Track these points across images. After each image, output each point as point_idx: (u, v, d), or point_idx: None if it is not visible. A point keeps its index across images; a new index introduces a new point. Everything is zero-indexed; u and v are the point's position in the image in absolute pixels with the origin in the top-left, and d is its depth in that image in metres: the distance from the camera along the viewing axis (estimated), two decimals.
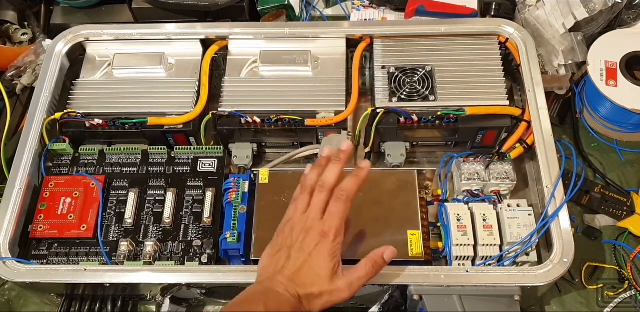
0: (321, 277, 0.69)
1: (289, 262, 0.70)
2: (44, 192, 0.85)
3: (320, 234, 0.70)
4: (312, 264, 0.69)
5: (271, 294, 0.68)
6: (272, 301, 0.67)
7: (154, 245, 0.81)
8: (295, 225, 0.72)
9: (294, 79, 0.93)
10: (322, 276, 0.69)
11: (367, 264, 0.71)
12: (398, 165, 0.90)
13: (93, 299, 0.83)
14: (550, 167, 0.82)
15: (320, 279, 0.69)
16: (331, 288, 0.69)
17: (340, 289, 0.69)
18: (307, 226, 0.71)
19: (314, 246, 0.70)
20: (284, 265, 0.70)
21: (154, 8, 1.05)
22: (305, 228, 0.71)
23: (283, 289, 0.68)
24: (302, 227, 0.71)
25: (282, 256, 0.71)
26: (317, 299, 0.69)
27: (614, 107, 0.93)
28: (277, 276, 0.69)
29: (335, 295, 0.69)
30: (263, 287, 0.69)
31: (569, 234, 0.77)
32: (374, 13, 1.09)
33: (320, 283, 0.69)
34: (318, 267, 0.69)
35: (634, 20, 1.01)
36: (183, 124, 0.89)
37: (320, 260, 0.69)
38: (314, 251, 0.69)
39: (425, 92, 0.89)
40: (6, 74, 1.05)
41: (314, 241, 0.70)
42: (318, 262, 0.69)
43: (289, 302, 0.67)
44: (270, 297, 0.67)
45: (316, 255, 0.69)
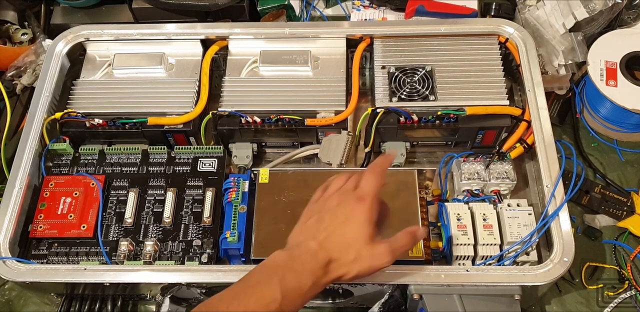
0: (358, 241, 0.65)
1: (321, 226, 0.66)
2: (44, 192, 0.85)
3: (356, 199, 0.67)
4: (347, 228, 0.66)
5: (294, 265, 0.64)
6: (290, 274, 0.63)
7: (154, 245, 0.81)
8: (327, 197, 0.69)
9: (294, 79, 0.93)
10: (360, 239, 0.65)
11: (405, 235, 0.68)
12: (398, 165, 0.90)
13: (93, 299, 0.83)
14: (550, 167, 0.82)
15: (358, 242, 0.65)
16: (372, 252, 0.65)
17: (383, 252, 0.66)
18: (340, 194, 0.68)
19: (350, 211, 0.66)
20: (316, 230, 0.66)
21: (154, 8, 1.05)
22: (339, 195, 0.68)
23: (310, 257, 0.64)
24: (335, 197, 0.68)
25: (314, 222, 0.67)
26: (354, 263, 0.65)
27: (614, 107, 0.93)
28: (307, 242, 0.65)
29: (377, 259, 0.65)
30: (288, 255, 0.65)
31: (569, 233, 0.77)
32: (374, 13, 1.09)
33: (358, 246, 0.65)
34: (354, 232, 0.65)
35: (634, 20, 1.01)
36: (183, 124, 0.89)
37: (357, 224, 0.66)
38: (351, 215, 0.66)
39: (425, 92, 0.89)
40: (6, 74, 1.05)
41: (350, 206, 0.67)
42: (354, 226, 0.66)
43: (312, 272, 0.63)
44: (290, 269, 0.63)
45: (353, 219, 0.66)
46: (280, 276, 0.62)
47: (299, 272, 0.63)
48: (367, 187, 0.68)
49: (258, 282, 0.63)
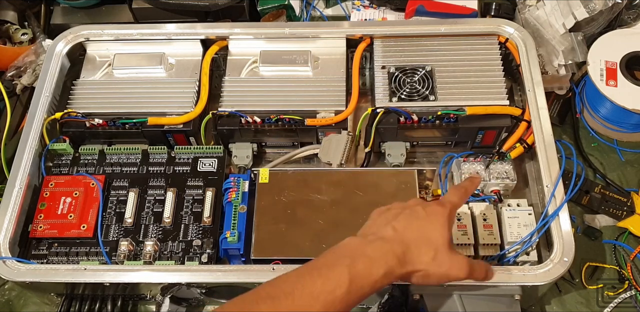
0: (439, 240, 0.62)
1: (400, 217, 0.63)
2: (44, 192, 0.85)
3: (437, 204, 0.65)
4: (428, 223, 0.63)
5: (367, 249, 0.60)
6: (361, 259, 0.59)
7: (154, 245, 0.81)
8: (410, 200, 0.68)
9: (294, 79, 0.93)
10: (440, 239, 0.62)
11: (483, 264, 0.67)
12: (398, 165, 0.90)
13: (93, 299, 0.83)
14: (550, 166, 0.82)
15: (438, 241, 0.62)
16: (452, 259, 0.62)
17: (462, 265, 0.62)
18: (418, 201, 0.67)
19: (431, 210, 0.64)
20: (395, 219, 0.63)
21: (154, 8, 1.05)
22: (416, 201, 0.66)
23: (384, 243, 0.61)
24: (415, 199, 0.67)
25: (390, 214, 0.64)
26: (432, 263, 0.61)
27: (614, 107, 0.93)
28: (384, 229, 0.62)
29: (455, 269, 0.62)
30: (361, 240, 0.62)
31: (569, 233, 0.77)
32: (374, 13, 1.09)
33: (438, 246, 0.62)
34: (435, 230, 0.62)
35: (634, 20, 1.01)
36: (183, 124, 0.89)
37: (438, 223, 0.63)
38: (432, 212, 0.64)
39: (425, 92, 0.89)
40: (6, 74, 1.05)
41: (430, 207, 0.64)
42: (435, 225, 0.63)
43: (386, 261, 0.59)
44: (361, 254, 0.60)
45: (434, 216, 0.63)
46: (351, 261, 0.59)
47: (371, 258, 0.59)
48: (449, 197, 0.67)
49: (325, 265, 0.59)
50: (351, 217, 0.81)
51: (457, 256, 0.64)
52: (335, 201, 0.83)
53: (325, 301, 0.57)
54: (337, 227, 0.81)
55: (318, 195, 0.83)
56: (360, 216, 0.81)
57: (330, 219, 0.82)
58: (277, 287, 0.58)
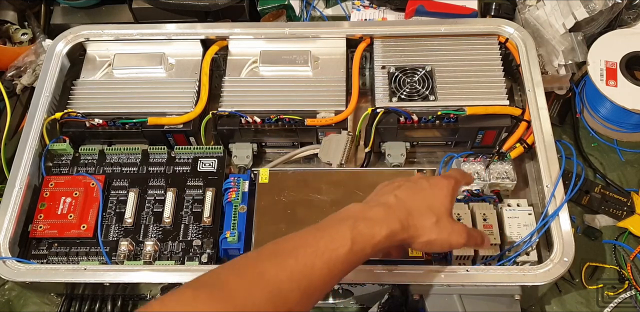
0: (441, 208, 0.64)
1: (403, 187, 0.65)
2: (44, 192, 0.85)
3: (442, 176, 0.68)
4: (431, 194, 0.65)
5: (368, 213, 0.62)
6: (363, 221, 0.61)
7: (154, 245, 0.80)
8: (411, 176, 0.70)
9: (294, 79, 0.93)
10: (442, 207, 0.64)
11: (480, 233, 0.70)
12: (398, 165, 0.90)
13: (93, 299, 0.83)
14: (550, 167, 0.82)
15: (440, 209, 0.64)
16: (452, 225, 0.64)
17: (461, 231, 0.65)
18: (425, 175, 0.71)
19: (435, 182, 0.67)
20: (398, 188, 0.65)
21: (154, 8, 1.05)
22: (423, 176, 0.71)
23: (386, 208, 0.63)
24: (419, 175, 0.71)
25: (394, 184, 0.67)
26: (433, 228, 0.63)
27: (614, 107, 0.93)
28: (386, 196, 0.64)
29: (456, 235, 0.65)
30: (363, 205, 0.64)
31: (569, 233, 0.77)
32: (374, 13, 1.09)
33: (441, 213, 0.64)
34: (438, 198, 0.65)
35: (634, 20, 1.01)
36: (183, 124, 0.89)
37: (441, 194, 0.65)
38: (435, 184, 0.66)
39: (425, 92, 0.89)
40: (6, 74, 1.05)
41: (434, 178, 0.67)
42: (438, 194, 0.65)
43: (388, 224, 0.61)
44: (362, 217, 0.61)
45: (437, 188, 0.66)
46: (352, 223, 0.60)
47: (372, 220, 0.61)
48: (452, 172, 0.71)
49: (328, 226, 0.61)
50: None
51: (457, 223, 0.66)
52: (335, 201, 0.83)
53: (329, 259, 0.58)
54: None
55: (318, 195, 0.83)
56: None
57: None
58: (280, 246, 0.60)
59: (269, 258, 0.58)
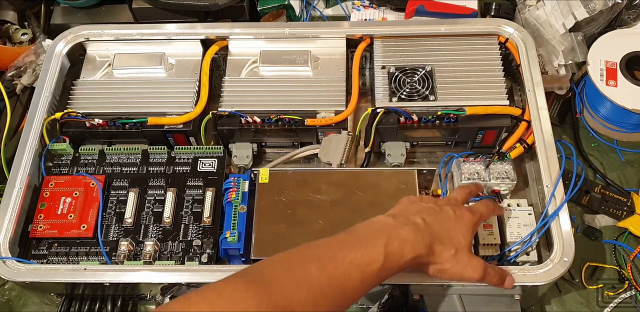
0: (461, 241, 0.66)
1: (431, 211, 0.68)
2: (44, 192, 0.85)
3: (468, 209, 0.70)
4: (455, 225, 0.67)
5: (401, 231, 0.64)
6: (396, 240, 0.63)
7: (154, 245, 0.81)
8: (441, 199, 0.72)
9: (294, 79, 0.93)
10: (463, 241, 0.66)
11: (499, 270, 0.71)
12: (398, 165, 0.90)
13: (93, 299, 0.83)
14: (550, 166, 0.82)
15: (461, 242, 0.66)
16: (469, 259, 0.67)
17: (477, 266, 0.67)
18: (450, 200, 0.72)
19: (460, 214, 0.69)
20: (425, 211, 0.68)
21: (154, 8, 1.05)
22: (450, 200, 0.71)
23: (415, 230, 0.64)
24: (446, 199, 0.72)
25: (421, 206, 0.69)
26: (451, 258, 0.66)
27: (614, 107, 0.93)
28: (414, 217, 0.66)
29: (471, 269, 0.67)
30: (395, 221, 0.66)
31: (569, 233, 0.77)
32: (374, 13, 1.09)
33: (460, 247, 0.66)
34: (460, 232, 0.67)
35: (634, 20, 1.01)
36: (183, 124, 0.89)
37: (464, 227, 0.67)
38: (460, 216, 0.68)
39: (425, 92, 0.89)
40: (6, 74, 1.05)
41: (460, 210, 0.69)
42: (461, 227, 0.67)
43: (415, 247, 0.63)
44: (396, 234, 0.63)
45: (461, 221, 0.68)
46: (387, 239, 0.62)
47: (405, 241, 0.63)
48: (480, 208, 0.73)
49: (365, 238, 0.63)
50: (351, 217, 0.81)
51: (475, 258, 0.68)
52: (335, 201, 0.83)
53: (363, 272, 0.61)
54: (337, 228, 0.80)
55: (318, 195, 0.83)
56: (361, 216, 0.81)
57: (330, 219, 0.82)
58: (321, 251, 0.62)
59: (313, 261, 0.60)
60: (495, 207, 0.77)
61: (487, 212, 0.74)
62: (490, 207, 0.76)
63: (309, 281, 0.59)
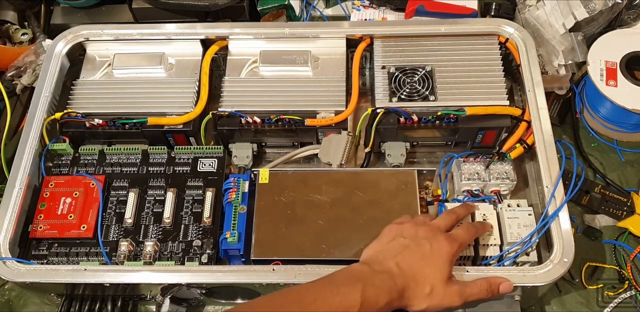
0: (437, 278, 0.69)
1: (406, 252, 0.70)
2: (44, 192, 0.85)
3: (446, 239, 0.71)
4: (430, 262, 0.69)
5: (375, 279, 0.67)
6: (371, 287, 0.66)
7: (154, 245, 0.80)
8: (418, 224, 0.73)
9: (294, 79, 0.93)
10: (438, 277, 0.69)
11: (482, 284, 0.72)
12: (398, 165, 0.90)
13: (93, 299, 0.83)
14: (550, 167, 0.82)
15: (436, 279, 0.69)
16: (445, 291, 0.69)
17: (454, 294, 0.69)
18: (430, 229, 0.73)
19: (437, 247, 0.70)
20: (398, 253, 0.70)
21: (154, 8, 1.05)
22: (429, 229, 0.72)
23: (389, 277, 0.67)
24: (425, 230, 0.72)
25: (398, 244, 0.71)
26: (426, 297, 0.68)
27: (614, 107, 0.93)
28: (388, 263, 0.69)
29: (447, 299, 0.69)
30: (370, 269, 0.68)
31: (569, 233, 0.77)
32: (374, 13, 1.09)
33: (435, 282, 0.69)
34: (436, 268, 0.69)
35: (634, 20, 1.01)
36: (183, 124, 0.89)
37: (440, 261, 0.70)
38: (437, 250, 0.70)
39: (425, 92, 0.89)
40: (6, 74, 1.05)
41: (438, 242, 0.71)
42: (437, 263, 0.70)
43: (389, 293, 0.66)
44: (371, 282, 0.66)
45: (437, 255, 0.70)
46: (363, 285, 0.66)
47: (378, 288, 0.66)
48: (461, 235, 0.74)
49: (343, 283, 0.66)
50: (351, 218, 0.81)
51: (451, 288, 0.70)
52: (336, 201, 0.83)
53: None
54: (337, 228, 0.81)
55: (318, 195, 0.83)
56: (360, 216, 0.81)
57: (330, 219, 0.82)
58: (302, 294, 0.66)
59: (294, 304, 0.64)
60: (478, 228, 0.77)
61: (468, 237, 0.75)
62: (471, 231, 0.76)
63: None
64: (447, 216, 0.77)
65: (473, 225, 0.78)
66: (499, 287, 0.72)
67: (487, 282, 0.72)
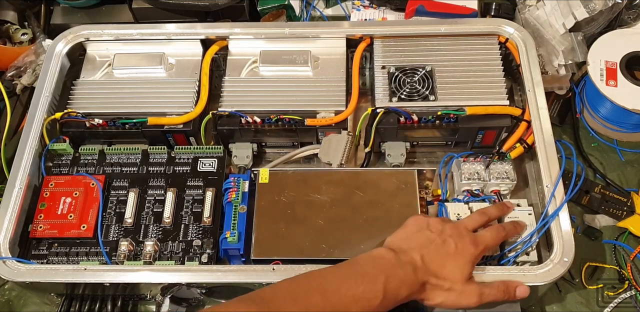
0: (457, 277, 0.70)
1: (432, 247, 0.71)
2: (44, 192, 0.85)
3: (471, 241, 0.72)
4: (453, 261, 0.70)
5: (399, 271, 0.68)
6: (394, 279, 0.67)
7: (154, 245, 0.81)
8: (446, 222, 0.74)
9: (294, 79, 0.93)
10: (459, 276, 0.70)
11: (500, 286, 0.72)
12: (398, 165, 0.90)
13: (93, 299, 0.83)
14: (550, 167, 0.82)
15: (456, 276, 0.70)
16: (463, 288, 0.70)
17: (471, 293, 0.70)
18: (458, 229, 0.73)
19: (462, 248, 0.71)
20: (423, 246, 0.71)
21: (154, 8, 1.05)
22: (456, 229, 0.73)
23: (412, 270, 0.68)
24: (454, 226, 0.73)
25: (425, 237, 0.72)
26: (445, 292, 0.70)
27: (614, 107, 0.93)
28: (414, 253, 0.70)
29: (465, 298, 0.70)
30: (395, 257, 0.69)
31: (569, 233, 0.77)
32: (374, 13, 1.09)
33: (455, 279, 0.70)
34: (457, 268, 0.70)
35: (634, 20, 1.01)
36: (183, 124, 0.89)
37: (462, 261, 0.71)
38: (461, 250, 0.71)
39: (425, 92, 0.89)
40: (6, 74, 1.05)
41: (462, 243, 0.72)
42: (459, 263, 0.71)
43: (411, 286, 0.68)
44: (394, 274, 0.67)
45: (461, 255, 0.71)
46: (386, 277, 0.66)
47: (401, 280, 0.67)
48: (487, 239, 0.74)
49: (367, 273, 0.67)
50: (351, 217, 0.81)
51: (469, 287, 0.71)
52: (336, 200, 0.83)
53: (362, 307, 0.65)
54: (337, 227, 0.81)
55: (318, 195, 0.84)
56: (360, 215, 0.81)
57: (330, 219, 0.82)
58: (326, 281, 0.66)
59: (319, 291, 0.65)
60: (508, 231, 0.77)
61: (493, 242, 0.75)
62: (500, 234, 0.76)
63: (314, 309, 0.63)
64: (479, 217, 0.77)
65: (503, 228, 0.77)
66: (516, 290, 0.73)
67: (505, 284, 0.73)
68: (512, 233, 0.78)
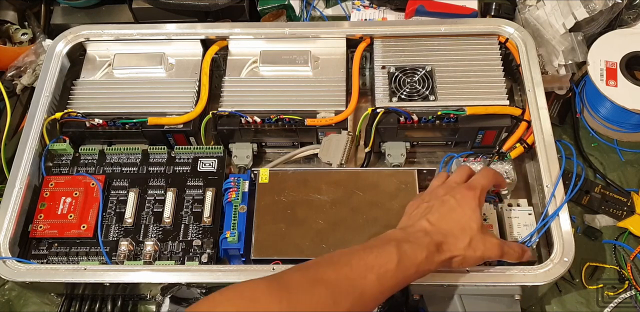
0: (471, 226, 0.69)
1: (433, 210, 0.71)
2: (44, 192, 0.85)
3: (466, 187, 0.72)
4: (459, 212, 0.70)
5: (409, 237, 0.68)
6: (406, 243, 0.66)
7: (154, 245, 0.81)
8: (432, 190, 0.75)
9: (294, 79, 0.93)
10: (472, 225, 0.69)
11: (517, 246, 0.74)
12: (398, 165, 0.90)
13: (93, 299, 0.83)
14: (551, 167, 0.82)
15: (471, 227, 0.69)
16: (485, 241, 0.70)
17: (495, 245, 0.70)
18: (446, 186, 0.74)
19: (460, 197, 0.71)
20: (427, 213, 0.71)
21: (154, 8, 1.05)
22: (445, 187, 0.74)
23: (423, 234, 0.68)
24: (442, 188, 0.74)
25: (423, 208, 0.72)
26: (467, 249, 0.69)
27: (614, 107, 0.93)
28: (419, 221, 0.70)
29: (489, 250, 0.70)
30: (403, 231, 0.70)
31: (569, 233, 0.77)
32: (374, 13, 1.09)
33: (471, 232, 0.69)
34: (466, 216, 0.70)
35: (634, 20, 1.01)
36: (183, 124, 0.89)
37: (468, 209, 0.70)
38: (461, 199, 0.71)
39: (425, 92, 0.89)
40: (6, 74, 1.05)
41: (459, 193, 0.72)
42: (466, 211, 0.70)
43: (427, 247, 0.67)
44: (405, 239, 0.67)
45: (464, 204, 0.71)
46: (397, 243, 0.66)
47: (413, 243, 0.66)
48: (479, 180, 0.74)
49: (375, 245, 0.66)
50: (351, 217, 0.81)
51: (489, 239, 0.71)
52: (336, 200, 0.83)
53: (378, 273, 0.63)
54: (337, 227, 0.81)
55: (318, 195, 0.84)
56: (361, 215, 0.81)
57: (330, 219, 0.82)
58: (335, 258, 0.65)
59: (328, 265, 0.64)
60: (494, 174, 0.77)
61: (487, 182, 0.75)
62: (489, 176, 0.76)
63: (327, 282, 0.61)
64: (461, 170, 0.78)
65: (488, 169, 0.78)
66: (524, 255, 0.74)
67: (521, 247, 0.74)
68: (498, 176, 0.78)
